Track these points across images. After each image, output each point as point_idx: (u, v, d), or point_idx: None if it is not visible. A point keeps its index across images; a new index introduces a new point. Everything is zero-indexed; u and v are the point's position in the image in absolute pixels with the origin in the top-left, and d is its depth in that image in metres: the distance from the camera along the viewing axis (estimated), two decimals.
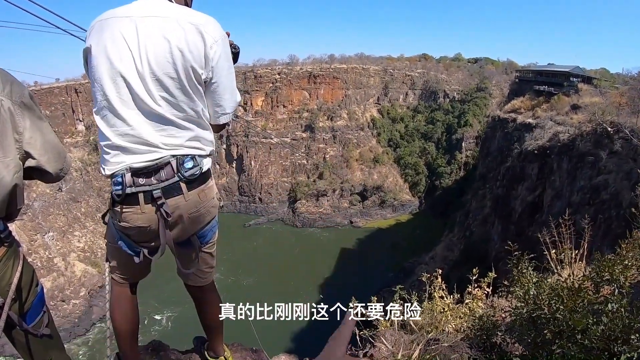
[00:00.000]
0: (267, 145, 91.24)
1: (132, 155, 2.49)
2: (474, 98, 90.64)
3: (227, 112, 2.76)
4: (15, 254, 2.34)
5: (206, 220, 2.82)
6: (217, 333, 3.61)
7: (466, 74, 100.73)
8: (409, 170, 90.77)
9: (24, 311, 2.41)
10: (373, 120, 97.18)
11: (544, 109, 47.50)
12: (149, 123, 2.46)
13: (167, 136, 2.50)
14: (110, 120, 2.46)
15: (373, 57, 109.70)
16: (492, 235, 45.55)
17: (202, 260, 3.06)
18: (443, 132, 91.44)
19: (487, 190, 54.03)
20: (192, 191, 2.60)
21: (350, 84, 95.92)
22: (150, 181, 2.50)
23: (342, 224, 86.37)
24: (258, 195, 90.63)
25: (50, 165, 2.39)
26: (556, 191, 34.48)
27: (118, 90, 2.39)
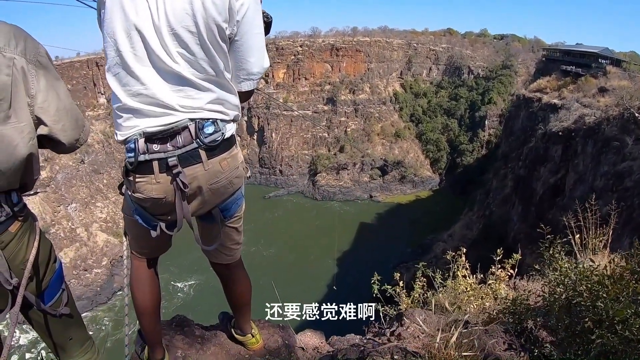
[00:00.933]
0: (289, 117, 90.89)
1: (146, 118, 2.30)
2: (498, 75, 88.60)
3: (251, 78, 2.49)
4: (31, 229, 2.19)
5: (229, 192, 2.63)
6: (245, 311, 3.49)
7: (492, 51, 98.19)
8: (431, 146, 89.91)
9: (41, 290, 2.29)
10: (395, 95, 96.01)
11: (570, 90, 46.55)
12: (165, 82, 2.25)
13: (185, 97, 2.29)
14: (123, 78, 2.26)
15: (397, 30, 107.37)
16: (511, 216, 45.26)
17: (225, 236, 2.89)
18: (466, 109, 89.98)
19: (509, 170, 53.52)
20: (213, 159, 2.40)
21: (373, 58, 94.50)
22: (166, 147, 2.31)
23: (362, 197, 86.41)
24: (278, 167, 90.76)
25: (65, 134, 2.17)
26: (579, 175, 34.14)
27: (132, 45, 2.17)
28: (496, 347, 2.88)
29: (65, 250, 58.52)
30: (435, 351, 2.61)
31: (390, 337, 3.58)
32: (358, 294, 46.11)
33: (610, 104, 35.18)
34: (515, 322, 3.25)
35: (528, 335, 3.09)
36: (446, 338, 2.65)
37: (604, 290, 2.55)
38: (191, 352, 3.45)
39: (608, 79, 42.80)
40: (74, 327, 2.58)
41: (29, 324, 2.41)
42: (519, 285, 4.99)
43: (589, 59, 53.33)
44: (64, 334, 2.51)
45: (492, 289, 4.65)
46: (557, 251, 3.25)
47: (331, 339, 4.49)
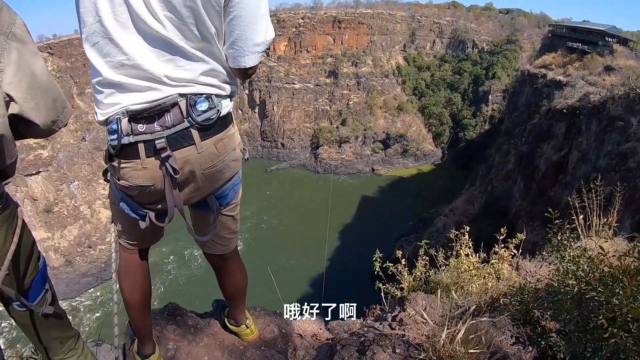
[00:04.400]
0: (290, 90, 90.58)
1: (130, 93, 2.01)
2: (503, 50, 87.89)
3: (256, 50, 2.11)
4: (10, 220, 2.01)
5: (226, 177, 2.36)
6: (240, 303, 3.25)
7: (497, 25, 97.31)
8: (433, 120, 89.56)
9: (23, 288, 2.15)
10: (398, 68, 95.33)
11: (575, 67, 46.12)
12: (152, 50, 1.96)
13: (175, 68, 2.00)
14: (103, 48, 1.96)
15: (400, 2, 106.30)
16: (513, 192, 45.23)
17: (221, 225, 2.63)
18: (470, 84, 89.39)
19: (512, 146, 53.24)
20: (207, 140, 2.12)
21: (375, 30, 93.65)
22: (153, 127, 2.03)
23: (364, 171, 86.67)
24: (280, 140, 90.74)
25: (39, 114, 1.93)
26: (582, 153, 33.95)
27: (113, 9, 1.88)
28: (503, 341, 2.79)
29: (69, 227, 59.18)
30: (440, 347, 2.53)
31: (392, 323, 3.34)
32: (360, 269, 46.67)
33: (616, 83, 34.77)
34: (522, 311, 3.10)
35: (535, 325, 2.98)
36: (452, 334, 2.56)
37: (619, 286, 2.36)
38: (183, 343, 3.28)
39: (614, 58, 42.42)
40: (58, 326, 2.47)
41: (16, 322, 2.32)
42: (522, 265, 4.87)
43: (595, 36, 52.61)
44: (49, 333, 2.42)
45: (495, 269, 4.50)
46: (565, 237, 3.10)
47: (330, 324, 4.28)
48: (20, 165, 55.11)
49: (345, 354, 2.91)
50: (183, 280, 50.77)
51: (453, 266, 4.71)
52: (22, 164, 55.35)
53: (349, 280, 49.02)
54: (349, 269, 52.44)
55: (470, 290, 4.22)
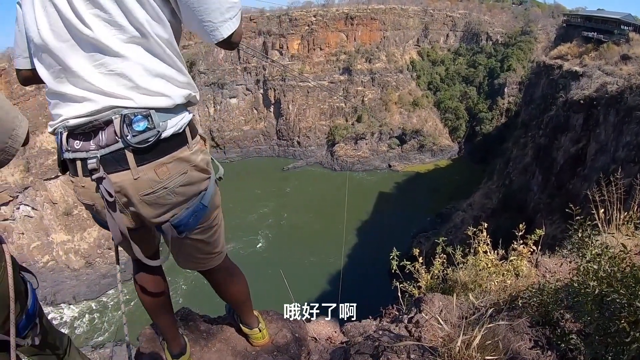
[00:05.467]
0: (305, 88, 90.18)
1: (69, 104, 1.91)
2: (518, 42, 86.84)
3: (225, 18, 1.92)
4: None
5: (172, 203, 2.10)
6: (244, 308, 3.17)
7: (510, 16, 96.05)
8: (449, 114, 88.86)
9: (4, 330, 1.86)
10: (412, 63, 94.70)
11: (592, 57, 45.33)
12: (85, 56, 1.83)
13: (108, 73, 1.84)
14: (46, 59, 1.90)
15: None
16: (531, 186, 44.90)
17: (191, 247, 2.43)
18: (485, 77, 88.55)
19: (529, 139, 52.48)
20: (145, 165, 1.93)
21: (388, 25, 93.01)
22: (88, 146, 1.92)
23: (381, 167, 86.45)
24: (296, 139, 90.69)
25: None
26: (600, 145, 33.55)
27: (49, 19, 1.82)
28: (522, 346, 2.73)
29: (88, 230, 59.84)
30: (455, 353, 2.46)
31: (408, 325, 3.33)
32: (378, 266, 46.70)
33: (633, 72, 34.36)
34: (542, 313, 3.04)
35: (555, 326, 2.92)
36: (468, 340, 2.48)
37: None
38: (195, 349, 3.27)
39: (631, 46, 41.62)
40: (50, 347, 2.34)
41: None
42: (541, 261, 4.78)
43: (611, 25, 52.00)
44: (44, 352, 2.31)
45: (514, 266, 4.44)
46: (586, 235, 2.95)
47: (345, 327, 4.25)
48: (39, 170, 56.47)
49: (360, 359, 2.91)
50: (195, 285, 51.01)
51: (471, 264, 4.71)
52: (41, 168, 56.57)
53: (366, 277, 49.07)
54: (366, 266, 52.50)
55: (489, 288, 4.20)
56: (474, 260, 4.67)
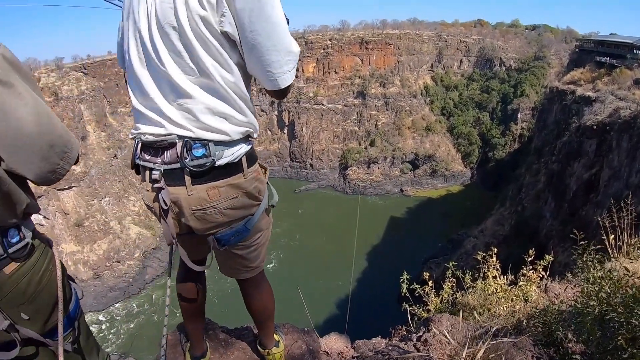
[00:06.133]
0: (319, 111, 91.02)
1: (146, 124, 2.18)
2: (531, 67, 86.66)
3: (284, 70, 2.10)
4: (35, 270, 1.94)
5: (219, 222, 2.32)
6: (264, 326, 3.27)
7: (523, 42, 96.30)
8: (462, 140, 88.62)
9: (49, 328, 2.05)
10: (426, 88, 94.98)
11: (604, 82, 44.90)
12: (159, 87, 2.09)
13: (177, 108, 2.09)
14: (132, 81, 2.18)
15: (426, 22, 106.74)
16: (544, 213, 44.08)
17: (231, 258, 2.65)
18: (498, 102, 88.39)
19: (542, 165, 51.87)
20: (199, 186, 2.17)
21: (402, 50, 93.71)
22: (155, 159, 2.19)
23: (393, 192, 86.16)
24: (309, 161, 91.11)
25: (29, 168, 1.79)
26: (614, 171, 33.06)
27: (137, 47, 2.09)
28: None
29: (98, 242, 60.56)
30: None
31: (417, 343, 3.43)
32: (387, 290, 46.55)
33: None
34: (545, 333, 3.14)
35: (558, 346, 2.98)
36: (472, 353, 2.59)
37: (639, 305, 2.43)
38: (215, 356, 3.42)
39: None
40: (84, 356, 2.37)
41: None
42: (550, 287, 4.84)
43: (623, 49, 51.66)
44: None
45: (523, 291, 4.47)
46: (590, 259, 3.08)
47: (356, 343, 4.35)
48: None
49: None
50: (216, 296, 51.25)
51: (480, 288, 4.79)
52: None
53: (376, 301, 48.82)
54: (376, 290, 52.30)
55: (498, 312, 4.28)
56: (483, 284, 4.76)
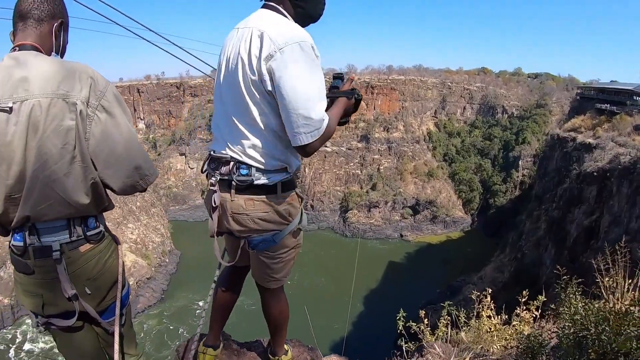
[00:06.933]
0: (322, 153, 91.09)
1: (215, 144, 2.80)
2: (533, 115, 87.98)
3: (301, 131, 2.43)
4: (102, 254, 2.37)
5: (250, 227, 2.78)
6: (276, 335, 3.63)
7: (526, 90, 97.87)
8: (463, 186, 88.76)
9: (100, 309, 2.45)
10: (429, 134, 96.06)
11: (605, 129, 45.73)
12: (225, 120, 2.67)
13: (232, 139, 2.64)
14: (214, 112, 2.84)
15: (431, 69, 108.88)
16: (544, 260, 44.10)
17: (258, 263, 3.06)
18: (500, 149, 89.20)
19: (542, 212, 52.31)
20: (240, 195, 2.69)
21: (407, 96, 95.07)
22: (215, 170, 2.76)
23: (392, 236, 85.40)
24: (310, 202, 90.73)
25: (115, 181, 2.27)
26: (614, 217, 33.09)
27: (217, 88, 2.73)
28: None
29: None
30: None
31: None
32: (383, 336, 45.78)
33: None
34: (529, 356, 3.35)
35: None
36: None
37: (607, 324, 2.68)
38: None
39: None
40: (126, 344, 2.72)
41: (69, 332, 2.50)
42: (543, 326, 4.73)
43: (623, 96, 52.52)
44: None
45: (517, 331, 4.60)
46: (572, 291, 3.34)
47: None
48: None
49: None
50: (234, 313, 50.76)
51: (474, 326, 4.88)
52: None
53: (371, 344, 48.12)
54: (372, 334, 51.39)
55: (492, 351, 4.32)
56: (477, 323, 4.86)
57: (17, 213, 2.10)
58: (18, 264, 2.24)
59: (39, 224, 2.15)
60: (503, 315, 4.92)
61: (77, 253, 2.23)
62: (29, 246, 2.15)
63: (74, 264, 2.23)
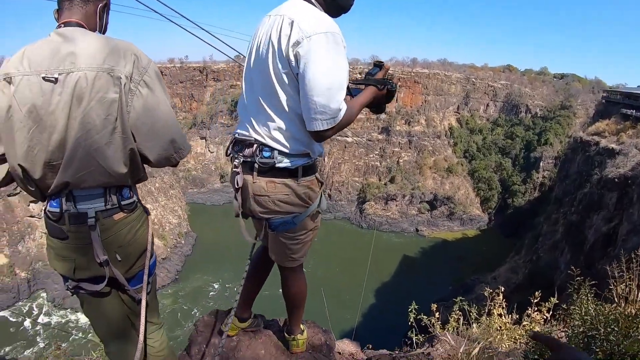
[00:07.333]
0: (342, 143, 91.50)
1: (240, 127, 2.86)
2: (556, 116, 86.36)
3: (315, 117, 2.49)
4: (134, 223, 2.48)
5: (271, 209, 2.85)
6: (292, 313, 3.73)
7: (551, 90, 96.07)
8: (482, 184, 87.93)
9: (127, 276, 2.54)
10: (451, 129, 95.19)
11: (629, 135, 44.76)
12: (252, 102, 2.73)
13: (258, 121, 2.70)
14: (242, 95, 2.87)
15: (456, 64, 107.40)
16: (559, 264, 42.73)
17: (277, 243, 3.14)
18: (521, 149, 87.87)
19: (561, 215, 50.95)
20: (262, 178, 2.75)
21: (430, 90, 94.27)
22: (238, 152, 2.83)
23: (408, 230, 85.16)
24: (328, 191, 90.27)
25: (151, 152, 2.39)
26: (633, 225, 32.11)
27: (246, 72, 2.80)
28: None
29: None
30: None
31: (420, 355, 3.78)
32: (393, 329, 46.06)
33: None
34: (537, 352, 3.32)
35: None
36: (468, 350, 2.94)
37: (616, 324, 2.71)
38: (245, 338, 3.85)
39: None
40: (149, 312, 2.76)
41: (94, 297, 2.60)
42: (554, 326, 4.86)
43: None
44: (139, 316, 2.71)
45: (527, 331, 4.60)
46: (585, 292, 3.36)
47: (365, 349, 4.77)
48: None
49: None
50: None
51: (485, 323, 4.92)
52: None
53: (381, 338, 48.21)
54: (381, 328, 51.40)
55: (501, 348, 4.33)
56: (488, 321, 4.92)
57: (55, 179, 2.22)
58: (53, 229, 2.35)
59: (76, 191, 2.28)
60: (514, 315, 4.98)
61: (111, 221, 2.36)
62: (65, 212, 2.28)
63: (107, 231, 2.35)
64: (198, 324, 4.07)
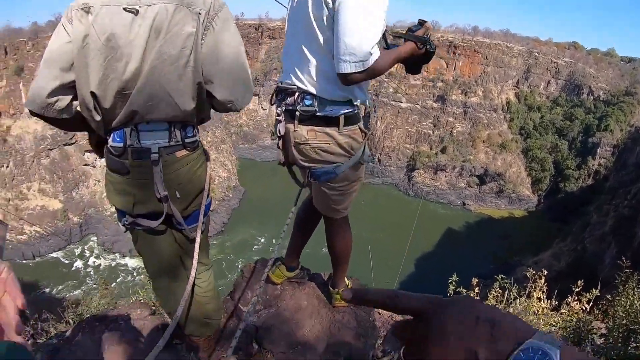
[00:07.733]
0: (396, 108, 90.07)
1: (283, 75, 2.86)
2: (620, 102, 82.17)
3: (344, 59, 2.45)
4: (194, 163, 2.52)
5: (314, 159, 2.87)
6: (338, 268, 3.74)
7: (616, 73, 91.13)
8: (535, 164, 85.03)
9: (185, 214, 2.60)
10: (508, 104, 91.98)
11: None
12: (295, 50, 2.72)
13: (301, 67, 2.71)
14: (285, 45, 2.89)
15: (519, 36, 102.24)
16: (604, 257, 43.12)
17: (321, 194, 3.15)
18: (580, 132, 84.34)
19: (612, 207, 50.88)
20: (302, 125, 2.76)
21: (490, 61, 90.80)
22: (281, 100, 2.84)
23: (455, 203, 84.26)
24: (378, 156, 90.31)
25: (216, 90, 2.35)
26: None
27: (288, 22, 2.83)
28: None
29: None
30: None
31: None
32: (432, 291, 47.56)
33: None
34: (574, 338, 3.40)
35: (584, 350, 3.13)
36: None
37: None
38: (289, 287, 3.99)
39: None
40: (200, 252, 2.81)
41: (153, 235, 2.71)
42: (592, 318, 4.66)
43: None
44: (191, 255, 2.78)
45: (563, 319, 4.48)
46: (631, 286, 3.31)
47: None
48: None
49: None
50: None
51: (523, 306, 4.78)
52: None
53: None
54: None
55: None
56: (527, 303, 4.79)
57: (124, 109, 2.23)
58: (114, 164, 2.39)
59: (140, 126, 2.32)
60: (553, 301, 4.86)
61: (174, 157, 2.40)
62: (129, 147, 2.31)
63: (169, 167, 2.39)
64: (244, 269, 4.22)
